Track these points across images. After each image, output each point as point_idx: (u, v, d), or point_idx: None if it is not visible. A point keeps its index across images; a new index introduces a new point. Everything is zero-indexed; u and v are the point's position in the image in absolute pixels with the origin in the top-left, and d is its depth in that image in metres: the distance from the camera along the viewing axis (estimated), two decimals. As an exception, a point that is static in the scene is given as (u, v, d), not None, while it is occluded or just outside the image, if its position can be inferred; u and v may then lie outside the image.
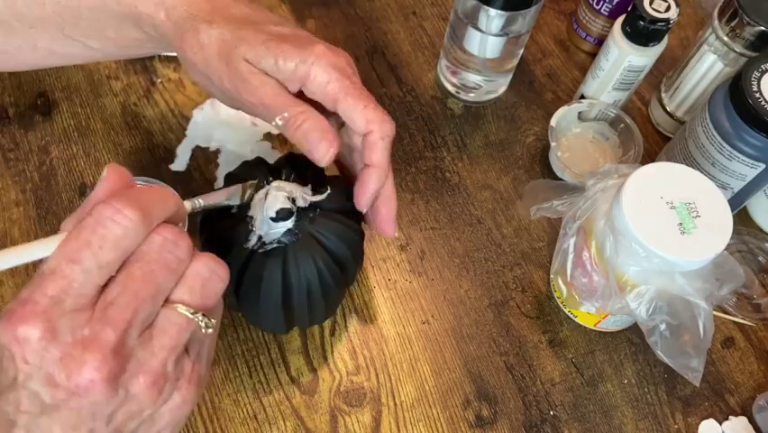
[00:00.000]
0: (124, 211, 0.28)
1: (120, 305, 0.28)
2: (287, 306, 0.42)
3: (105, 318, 0.27)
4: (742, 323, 0.54)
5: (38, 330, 0.26)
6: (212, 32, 0.40)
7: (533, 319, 0.53)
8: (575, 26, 0.67)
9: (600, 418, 0.50)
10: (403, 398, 0.49)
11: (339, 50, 0.42)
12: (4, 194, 0.54)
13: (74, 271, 0.27)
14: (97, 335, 0.27)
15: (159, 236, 0.29)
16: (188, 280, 0.30)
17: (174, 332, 0.30)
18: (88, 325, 0.27)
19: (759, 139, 0.46)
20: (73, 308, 0.27)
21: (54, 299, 0.27)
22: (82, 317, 0.27)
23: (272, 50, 0.39)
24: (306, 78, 0.40)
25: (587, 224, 0.45)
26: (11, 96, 0.58)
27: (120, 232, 0.28)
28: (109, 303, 0.28)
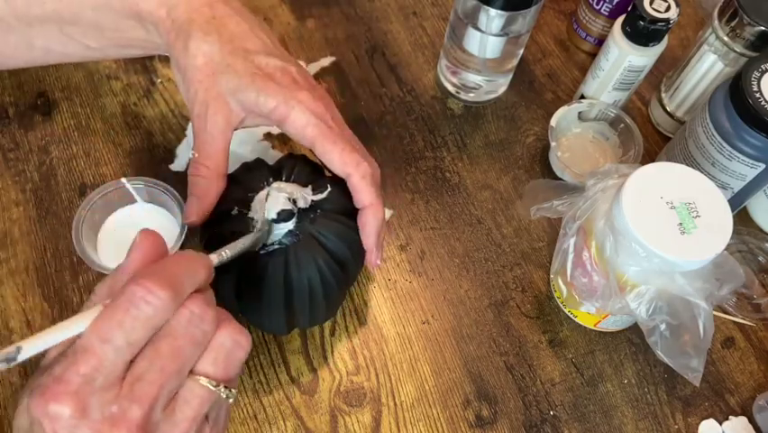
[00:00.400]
0: (157, 292, 0.28)
1: (147, 381, 0.29)
2: (288, 306, 0.42)
3: (132, 395, 0.28)
4: (742, 323, 0.54)
5: (69, 408, 0.27)
6: (203, 45, 0.41)
7: (533, 319, 0.53)
8: (575, 26, 0.67)
9: (600, 418, 0.50)
10: (403, 398, 0.49)
11: (320, 95, 0.44)
12: (4, 194, 0.54)
13: (106, 350, 0.28)
14: (125, 412, 0.28)
15: (186, 310, 0.30)
16: (212, 351, 0.31)
17: (196, 404, 0.30)
18: (116, 401, 0.28)
19: (759, 139, 0.46)
20: (103, 386, 0.28)
21: (86, 378, 0.28)
22: (111, 394, 0.28)
23: (257, 84, 0.41)
24: (284, 119, 0.42)
25: (587, 224, 0.45)
26: (11, 96, 0.58)
27: (151, 312, 0.28)
28: (136, 378, 0.29)
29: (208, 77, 0.41)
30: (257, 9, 0.66)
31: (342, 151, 0.42)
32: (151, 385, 0.29)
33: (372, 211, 0.43)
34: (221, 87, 0.41)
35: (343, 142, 0.43)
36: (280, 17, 0.66)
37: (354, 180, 0.43)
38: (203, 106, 0.42)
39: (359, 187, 0.43)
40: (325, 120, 0.43)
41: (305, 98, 0.42)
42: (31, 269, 0.51)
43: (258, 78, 0.41)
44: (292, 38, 0.65)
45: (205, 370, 0.31)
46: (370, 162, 0.44)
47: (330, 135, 0.42)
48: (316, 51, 0.64)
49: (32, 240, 0.52)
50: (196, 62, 0.41)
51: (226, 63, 0.41)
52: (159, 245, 0.32)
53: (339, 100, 0.62)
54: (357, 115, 0.61)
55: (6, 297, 0.50)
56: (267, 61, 0.42)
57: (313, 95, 0.43)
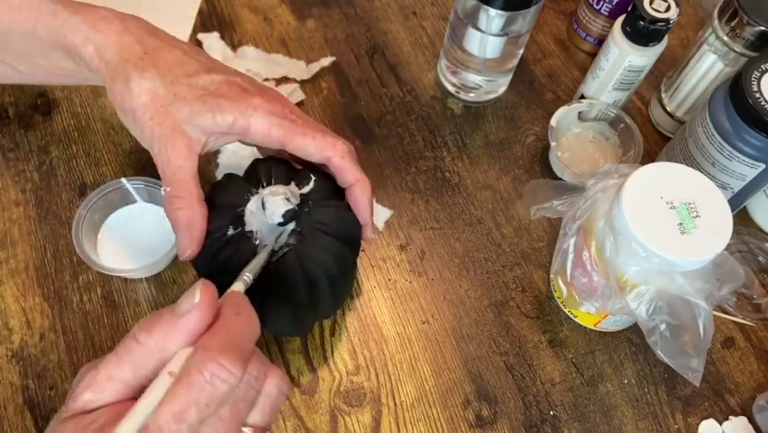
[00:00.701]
0: (233, 370, 0.28)
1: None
2: (314, 303, 0.43)
3: None
4: (742, 323, 0.54)
5: None
6: (144, 83, 0.41)
7: (533, 319, 0.53)
8: (575, 26, 0.67)
9: (600, 418, 0.50)
10: (403, 398, 0.49)
11: (273, 95, 0.43)
12: (4, 194, 0.54)
13: (180, 429, 0.28)
14: None
15: (248, 376, 0.30)
16: (261, 403, 0.31)
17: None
18: None
19: (759, 139, 0.46)
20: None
21: None
22: None
23: (209, 104, 0.41)
24: (246, 130, 0.42)
25: (587, 224, 0.45)
26: (11, 96, 0.58)
27: (226, 389, 0.28)
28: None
29: (158, 112, 0.41)
30: (257, 9, 0.66)
31: (315, 138, 0.43)
32: None
33: (360, 187, 0.44)
34: (174, 118, 0.41)
35: (313, 130, 0.43)
36: (280, 17, 0.66)
37: (336, 162, 0.43)
38: (161, 142, 0.41)
39: (341, 166, 0.43)
40: (286, 117, 0.43)
41: (259, 103, 0.42)
42: (31, 269, 0.51)
43: (207, 98, 0.41)
44: (292, 38, 0.65)
45: (254, 421, 0.31)
46: (343, 141, 0.44)
47: (297, 129, 0.42)
48: (316, 51, 0.64)
49: (32, 240, 0.52)
50: (142, 101, 0.41)
51: (172, 93, 0.41)
52: (215, 302, 0.31)
53: (339, 100, 0.62)
54: (357, 115, 0.61)
55: (6, 297, 0.50)
56: (210, 79, 0.42)
57: (265, 97, 0.43)
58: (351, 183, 0.44)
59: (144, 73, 0.41)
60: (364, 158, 0.59)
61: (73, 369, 0.47)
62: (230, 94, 0.42)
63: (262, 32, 0.65)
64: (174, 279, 0.51)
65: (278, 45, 0.64)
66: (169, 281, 0.51)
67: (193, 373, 0.28)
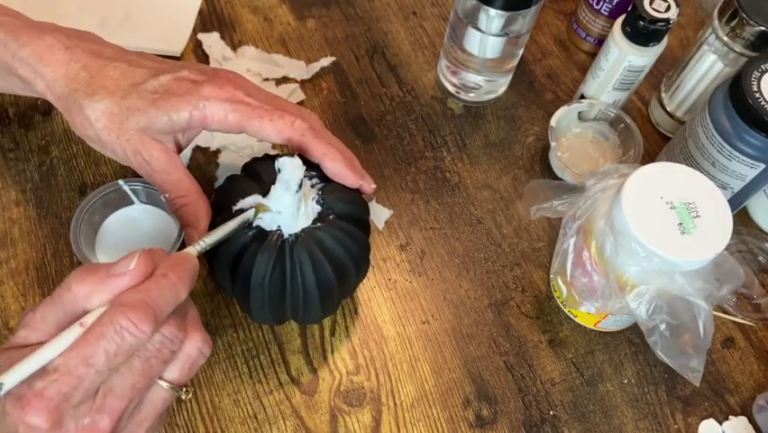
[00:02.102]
0: (141, 326, 0.31)
1: (118, 395, 0.31)
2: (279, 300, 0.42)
3: (103, 407, 0.31)
4: (742, 323, 0.54)
5: (47, 423, 0.30)
6: (97, 105, 0.41)
7: (533, 319, 0.53)
8: (575, 26, 0.67)
9: (600, 418, 0.50)
10: (403, 398, 0.49)
11: (225, 78, 0.43)
12: (4, 194, 0.54)
13: (88, 372, 0.30)
14: (97, 424, 0.31)
15: (161, 336, 0.32)
16: (179, 361, 0.34)
17: (160, 405, 0.34)
18: (89, 414, 0.31)
19: (759, 139, 0.46)
20: (79, 402, 0.31)
21: (66, 396, 0.30)
22: (85, 408, 0.31)
23: (162, 108, 0.41)
24: (204, 121, 0.42)
25: (587, 224, 0.45)
26: (11, 96, 0.58)
27: (134, 343, 0.31)
28: (109, 391, 0.31)
29: (119, 130, 0.41)
30: (257, 9, 0.66)
31: (272, 120, 0.42)
32: (122, 399, 0.32)
33: (330, 158, 0.43)
34: (137, 130, 0.41)
35: (269, 111, 0.42)
36: (280, 17, 0.66)
37: (296, 141, 0.43)
38: (136, 156, 0.42)
39: (303, 146, 0.43)
40: (241, 100, 0.42)
41: (210, 92, 0.42)
42: (31, 269, 0.51)
43: (159, 101, 0.41)
44: (292, 38, 0.65)
45: (171, 377, 0.34)
46: (302, 115, 0.44)
47: (253, 112, 0.42)
48: (316, 51, 0.64)
49: (32, 240, 0.52)
50: (102, 124, 0.41)
51: (125, 108, 0.41)
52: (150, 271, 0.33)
53: (339, 100, 0.62)
54: (357, 114, 0.61)
55: (6, 297, 0.50)
56: (158, 81, 0.42)
57: (216, 83, 0.43)
58: (319, 158, 0.43)
59: (94, 97, 0.41)
60: (364, 158, 0.59)
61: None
62: (180, 90, 0.42)
63: (262, 32, 0.65)
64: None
65: (278, 45, 0.64)
66: (169, 281, 0.51)
67: (104, 323, 0.30)
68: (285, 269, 0.41)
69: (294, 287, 0.41)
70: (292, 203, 0.40)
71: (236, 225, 0.39)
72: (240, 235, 0.40)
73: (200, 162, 0.57)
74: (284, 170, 0.40)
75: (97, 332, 0.30)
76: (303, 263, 0.40)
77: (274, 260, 0.40)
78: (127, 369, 0.32)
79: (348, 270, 0.43)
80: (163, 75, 0.42)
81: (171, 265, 0.34)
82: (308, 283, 0.41)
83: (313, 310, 0.44)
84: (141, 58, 0.44)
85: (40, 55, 0.42)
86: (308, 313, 0.44)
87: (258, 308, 0.42)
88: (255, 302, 0.42)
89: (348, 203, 0.43)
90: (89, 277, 0.32)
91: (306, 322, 0.50)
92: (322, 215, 0.42)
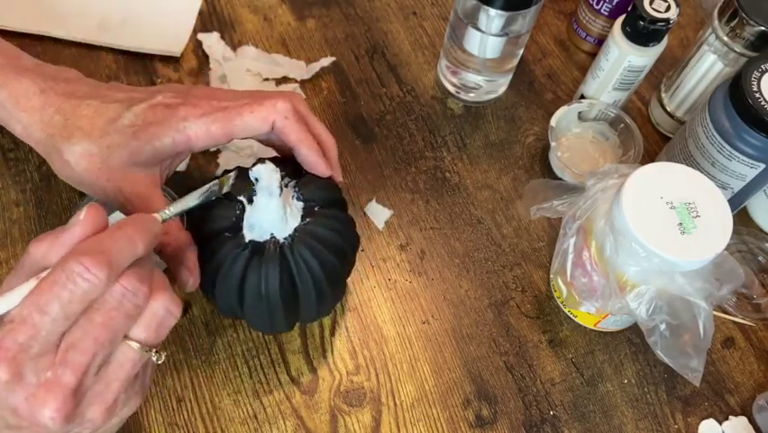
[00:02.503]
0: (94, 271, 0.30)
1: (80, 349, 0.31)
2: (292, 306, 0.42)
3: (65, 361, 0.31)
4: (742, 323, 0.54)
5: (6, 374, 0.29)
6: (75, 149, 0.41)
7: (533, 319, 0.53)
8: (575, 26, 0.67)
9: (600, 418, 0.50)
10: (403, 398, 0.49)
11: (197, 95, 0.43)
12: (4, 194, 0.54)
13: (43, 320, 0.30)
14: (59, 378, 0.30)
15: (120, 286, 0.32)
16: (145, 319, 0.33)
17: (129, 366, 0.33)
18: (51, 368, 0.30)
19: (759, 139, 0.46)
20: (38, 353, 0.30)
21: (23, 346, 0.30)
22: (46, 361, 0.30)
23: (143, 138, 0.41)
24: (188, 143, 0.42)
25: (587, 224, 0.45)
26: (11, 96, 0.58)
27: (88, 288, 0.30)
28: (70, 346, 0.31)
29: (101, 169, 0.41)
30: (257, 9, 0.66)
31: (252, 112, 0.42)
32: (85, 353, 0.31)
33: (304, 146, 0.43)
34: (119, 167, 0.41)
35: (248, 104, 0.42)
36: (280, 17, 0.66)
37: (279, 124, 0.42)
38: (119, 194, 0.41)
39: (283, 128, 0.42)
40: (217, 108, 0.42)
41: (187, 112, 0.42)
42: (31, 269, 0.51)
43: (139, 133, 0.41)
44: (292, 38, 0.65)
45: (138, 336, 0.33)
46: (283, 99, 0.43)
47: (232, 112, 0.42)
48: (316, 51, 0.64)
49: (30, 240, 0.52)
50: (82, 166, 0.41)
51: (105, 146, 0.41)
52: (102, 223, 0.33)
53: (339, 100, 0.62)
54: (357, 115, 0.61)
55: (6, 297, 0.50)
56: (133, 113, 0.42)
57: (191, 102, 0.42)
58: (294, 143, 0.43)
59: (72, 140, 0.41)
60: (364, 158, 0.59)
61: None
62: (157, 117, 0.41)
63: (262, 32, 0.65)
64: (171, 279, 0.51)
65: (279, 45, 0.64)
66: (169, 281, 0.51)
67: (56, 270, 0.30)
68: (292, 273, 0.41)
69: (305, 286, 0.41)
70: (278, 207, 0.40)
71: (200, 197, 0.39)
72: (237, 257, 0.40)
73: (200, 162, 0.57)
74: (261, 177, 0.40)
75: (50, 280, 0.30)
76: (307, 261, 0.41)
77: (280, 268, 0.40)
78: (87, 321, 0.31)
79: (346, 251, 0.43)
80: (137, 105, 0.42)
81: (129, 220, 0.34)
82: (317, 277, 0.41)
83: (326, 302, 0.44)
84: (113, 90, 0.43)
85: (16, 99, 0.42)
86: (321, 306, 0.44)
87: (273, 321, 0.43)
88: (271, 315, 0.42)
89: (325, 189, 0.43)
90: (45, 237, 0.32)
91: (319, 316, 0.50)
92: (307, 209, 0.42)
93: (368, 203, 0.56)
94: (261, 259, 0.40)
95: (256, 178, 0.40)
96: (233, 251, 0.40)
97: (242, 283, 0.40)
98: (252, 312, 0.42)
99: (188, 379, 0.48)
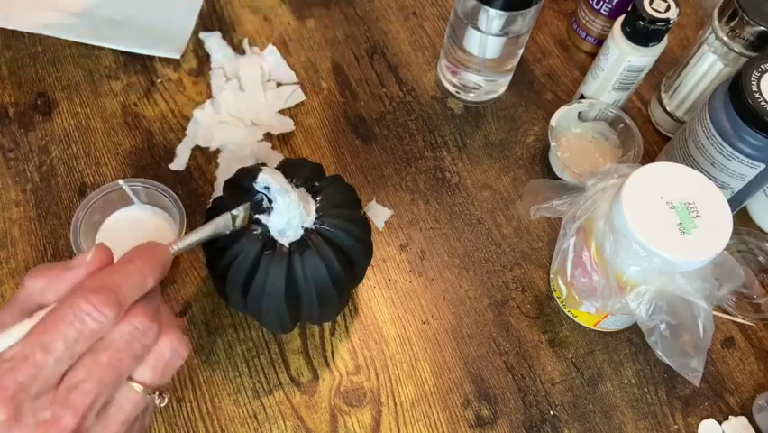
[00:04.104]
0: (103, 309, 0.29)
1: (83, 390, 0.29)
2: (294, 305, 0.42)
3: (66, 402, 0.28)
4: (742, 323, 0.54)
5: (4, 414, 0.27)
6: None
7: (533, 319, 0.53)
8: (575, 26, 0.67)
9: (600, 417, 0.50)
10: (403, 398, 0.49)
11: None
12: (4, 194, 0.54)
13: (46, 359, 0.28)
14: (59, 419, 0.28)
15: (130, 326, 0.30)
16: (151, 361, 0.31)
17: (129, 409, 0.31)
18: (50, 408, 0.28)
19: (759, 139, 0.46)
20: (38, 393, 0.28)
21: (23, 386, 0.28)
22: (46, 400, 0.28)
23: None
24: None
25: (587, 223, 0.45)
26: (11, 96, 0.58)
27: (96, 327, 0.29)
28: (73, 386, 0.29)
29: None
30: (257, 9, 0.66)
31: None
32: (87, 394, 0.29)
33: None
34: None
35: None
36: (280, 17, 0.66)
37: None
38: None
39: None
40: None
41: None
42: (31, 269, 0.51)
43: None
44: (292, 38, 0.65)
45: (143, 378, 0.31)
46: None
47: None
48: (316, 51, 0.64)
49: (32, 240, 0.52)
50: None
51: None
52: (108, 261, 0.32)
53: (339, 100, 0.62)
54: (357, 114, 0.61)
55: (6, 297, 0.50)
56: None
57: None
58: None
59: None
60: (364, 158, 0.59)
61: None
62: None
63: (262, 32, 0.65)
64: (173, 278, 0.51)
65: (279, 45, 0.64)
66: (168, 281, 0.51)
67: (62, 307, 0.28)
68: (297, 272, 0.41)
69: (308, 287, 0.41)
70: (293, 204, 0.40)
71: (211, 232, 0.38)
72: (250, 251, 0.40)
73: (200, 162, 0.57)
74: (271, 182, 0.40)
75: (56, 317, 0.28)
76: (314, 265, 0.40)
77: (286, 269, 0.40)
78: (93, 361, 0.29)
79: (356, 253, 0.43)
80: None
81: (138, 252, 0.32)
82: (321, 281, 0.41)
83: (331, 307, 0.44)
84: None
85: None
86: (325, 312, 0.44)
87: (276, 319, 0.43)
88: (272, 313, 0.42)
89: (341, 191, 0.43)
90: (45, 272, 0.31)
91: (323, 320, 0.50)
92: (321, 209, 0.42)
93: (368, 203, 0.56)
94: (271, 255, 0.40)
95: (266, 186, 0.40)
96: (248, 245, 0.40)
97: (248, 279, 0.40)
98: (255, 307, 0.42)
99: (188, 379, 0.48)
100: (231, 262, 0.40)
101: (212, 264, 0.42)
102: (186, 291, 0.51)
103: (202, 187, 0.56)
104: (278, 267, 0.40)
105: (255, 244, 0.40)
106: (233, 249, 0.40)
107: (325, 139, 0.59)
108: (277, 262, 0.40)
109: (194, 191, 0.55)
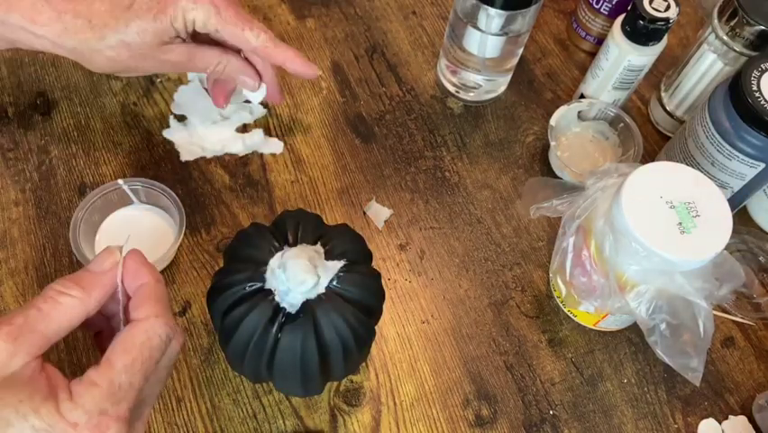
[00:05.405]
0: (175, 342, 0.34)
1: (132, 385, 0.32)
2: (324, 367, 0.41)
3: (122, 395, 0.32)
4: (742, 323, 0.54)
5: None
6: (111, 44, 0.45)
7: (532, 319, 0.53)
8: (575, 25, 0.66)
9: (600, 417, 0.50)
10: (403, 397, 0.49)
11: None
12: (4, 194, 0.54)
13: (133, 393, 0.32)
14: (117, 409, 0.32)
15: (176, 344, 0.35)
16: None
17: None
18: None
19: (759, 138, 0.46)
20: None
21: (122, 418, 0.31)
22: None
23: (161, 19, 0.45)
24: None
25: (586, 223, 0.45)
26: (10, 96, 0.58)
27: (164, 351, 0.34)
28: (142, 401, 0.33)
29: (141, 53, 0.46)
30: (257, 9, 0.66)
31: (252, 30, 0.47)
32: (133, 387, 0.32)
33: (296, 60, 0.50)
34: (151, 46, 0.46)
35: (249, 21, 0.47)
36: (280, 17, 0.66)
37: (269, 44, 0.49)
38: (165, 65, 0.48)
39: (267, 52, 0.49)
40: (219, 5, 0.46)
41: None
42: (30, 269, 0.51)
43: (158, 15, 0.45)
44: (292, 38, 0.65)
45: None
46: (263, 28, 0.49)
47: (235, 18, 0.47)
48: (316, 51, 0.64)
49: (32, 240, 0.52)
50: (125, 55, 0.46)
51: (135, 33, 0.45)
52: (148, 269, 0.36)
53: (339, 100, 0.62)
54: (357, 114, 0.61)
55: (6, 297, 0.50)
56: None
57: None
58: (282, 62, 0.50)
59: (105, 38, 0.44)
60: (364, 157, 0.59)
61: (72, 369, 0.47)
62: None
63: (262, 32, 0.65)
64: (173, 279, 0.51)
65: (278, 45, 0.64)
66: (168, 281, 0.51)
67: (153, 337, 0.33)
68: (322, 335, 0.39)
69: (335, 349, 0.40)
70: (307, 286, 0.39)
71: None
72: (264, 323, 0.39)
73: (199, 162, 0.57)
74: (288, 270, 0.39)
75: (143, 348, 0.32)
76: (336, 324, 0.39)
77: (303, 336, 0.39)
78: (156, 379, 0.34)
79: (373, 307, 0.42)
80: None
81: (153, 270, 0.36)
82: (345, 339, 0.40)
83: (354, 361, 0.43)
84: None
85: (30, 18, 0.44)
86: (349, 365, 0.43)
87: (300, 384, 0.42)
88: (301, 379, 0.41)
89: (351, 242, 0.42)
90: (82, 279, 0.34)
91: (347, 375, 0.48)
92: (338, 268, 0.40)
93: (367, 203, 0.56)
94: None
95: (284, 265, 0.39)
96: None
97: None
98: (282, 377, 0.41)
99: (188, 379, 0.48)
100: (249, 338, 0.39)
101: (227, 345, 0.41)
102: (186, 291, 0.51)
103: (202, 187, 0.56)
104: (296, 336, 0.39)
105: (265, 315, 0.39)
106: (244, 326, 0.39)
107: (325, 138, 0.59)
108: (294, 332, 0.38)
109: (193, 191, 0.55)
